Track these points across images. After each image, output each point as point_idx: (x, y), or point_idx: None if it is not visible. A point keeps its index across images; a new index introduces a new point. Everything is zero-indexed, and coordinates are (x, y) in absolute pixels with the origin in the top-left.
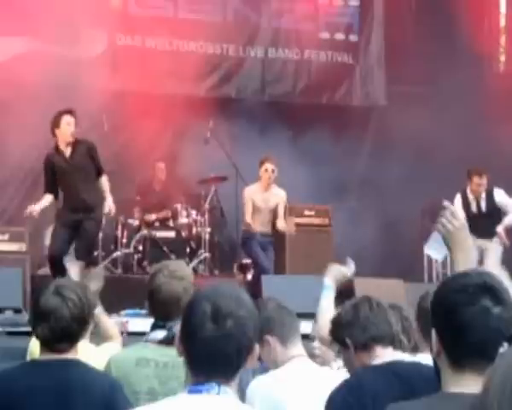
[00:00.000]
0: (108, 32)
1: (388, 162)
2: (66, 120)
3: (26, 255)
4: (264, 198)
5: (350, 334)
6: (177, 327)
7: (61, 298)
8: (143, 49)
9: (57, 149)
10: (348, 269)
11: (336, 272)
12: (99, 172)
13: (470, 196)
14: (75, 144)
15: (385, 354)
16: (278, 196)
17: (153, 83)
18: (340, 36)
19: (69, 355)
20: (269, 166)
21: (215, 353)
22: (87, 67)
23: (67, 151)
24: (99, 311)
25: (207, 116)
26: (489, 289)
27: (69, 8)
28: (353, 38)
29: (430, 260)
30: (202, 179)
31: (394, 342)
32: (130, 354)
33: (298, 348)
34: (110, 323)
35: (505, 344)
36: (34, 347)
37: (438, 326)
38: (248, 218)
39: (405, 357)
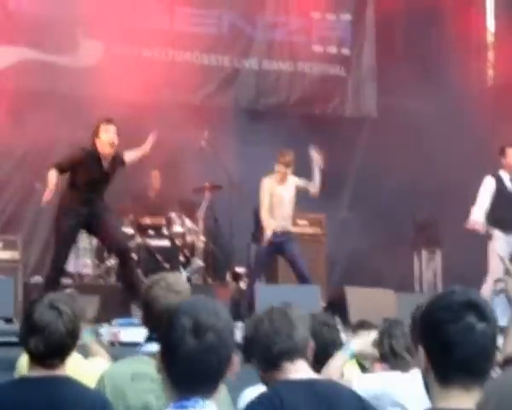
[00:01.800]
0: (105, 41)
1: (380, 173)
2: (105, 129)
3: (19, 264)
4: (282, 191)
5: (253, 354)
6: None
7: (56, 312)
8: (139, 59)
9: (97, 155)
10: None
11: (365, 346)
12: (123, 164)
13: (505, 176)
14: (114, 158)
15: (298, 369)
16: (294, 181)
17: (148, 92)
18: (332, 49)
19: (59, 371)
20: (288, 158)
21: (198, 366)
22: (83, 77)
23: (106, 163)
24: (90, 341)
25: (202, 126)
26: (473, 306)
27: (66, 17)
28: (345, 51)
29: (421, 270)
30: (197, 188)
31: (302, 353)
32: (126, 369)
33: None
34: (101, 352)
35: (497, 369)
36: (23, 364)
37: (425, 343)
38: (265, 213)
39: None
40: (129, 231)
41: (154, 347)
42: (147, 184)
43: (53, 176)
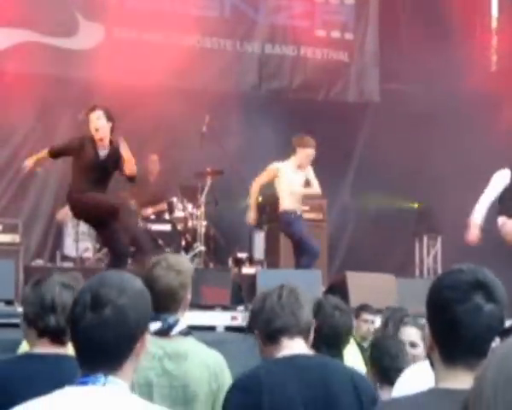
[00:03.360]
0: (105, 24)
1: (382, 159)
2: (90, 117)
3: (20, 247)
4: (296, 178)
5: (257, 325)
6: (171, 319)
7: (71, 291)
8: (140, 43)
9: (93, 142)
10: None
11: None
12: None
13: None
14: (111, 146)
15: (293, 346)
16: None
17: (149, 76)
18: (335, 34)
19: (64, 350)
20: (311, 152)
21: (93, 342)
22: (84, 60)
23: (102, 150)
24: None
25: (204, 110)
26: (481, 286)
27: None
28: (349, 36)
29: (422, 256)
30: (198, 173)
31: (303, 334)
32: None
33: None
34: None
35: (497, 339)
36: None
37: (431, 322)
38: (254, 190)
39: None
40: None
41: (154, 326)
42: (147, 170)
43: (42, 153)
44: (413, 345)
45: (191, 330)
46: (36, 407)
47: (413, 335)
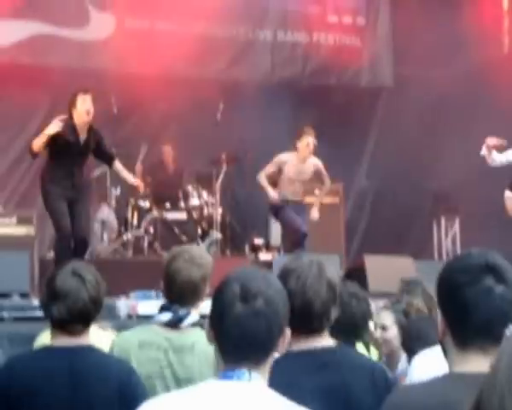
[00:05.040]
0: (116, 14)
1: (397, 142)
2: (82, 98)
3: (35, 239)
4: (300, 170)
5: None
6: (182, 311)
7: (79, 279)
8: (151, 32)
9: (73, 126)
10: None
11: None
12: (111, 158)
13: None
14: (90, 130)
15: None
16: (314, 165)
17: (161, 65)
18: (347, 19)
19: (82, 339)
20: (311, 140)
21: (246, 332)
22: (96, 50)
23: (83, 134)
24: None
25: (217, 99)
26: (492, 268)
27: None
28: (361, 20)
29: (440, 238)
30: (213, 160)
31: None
32: (133, 337)
33: None
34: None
35: (511, 326)
36: (43, 341)
37: (442, 306)
38: (262, 177)
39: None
40: (145, 204)
41: (165, 316)
42: (161, 159)
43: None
44: (384, 328)
45: (204, 320)
46: (180, 399)
47: (386, 318)
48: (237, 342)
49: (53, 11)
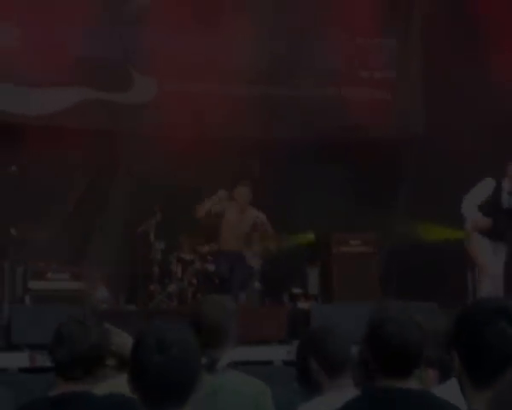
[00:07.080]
0: (158, 77)
1: (432, 189)
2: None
3: (86, 294)
4: (239, 218)
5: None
6: (215, 354)
7: (82, 326)
8: (192, 95)
9: None
10: None
11: None
12: None
13: (506, 187)
14: None
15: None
16: (254, 216)
17: (202, 127)
18: (378, 73)
19: (83, 386)
20: (243, 190)
21: (165, 380)
22: (138, 113)
23: None
24: None
25: (255, 157)
26: (504, 312)
27: (120, 55)
28: (391, 73)
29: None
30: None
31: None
32: None
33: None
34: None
35: None
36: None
37: (459, 347)
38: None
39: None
40: (189, 257)
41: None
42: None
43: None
44: None
45: (239, 364)
46: None
47: None
48: (158, 392)
49: (99, 76)
